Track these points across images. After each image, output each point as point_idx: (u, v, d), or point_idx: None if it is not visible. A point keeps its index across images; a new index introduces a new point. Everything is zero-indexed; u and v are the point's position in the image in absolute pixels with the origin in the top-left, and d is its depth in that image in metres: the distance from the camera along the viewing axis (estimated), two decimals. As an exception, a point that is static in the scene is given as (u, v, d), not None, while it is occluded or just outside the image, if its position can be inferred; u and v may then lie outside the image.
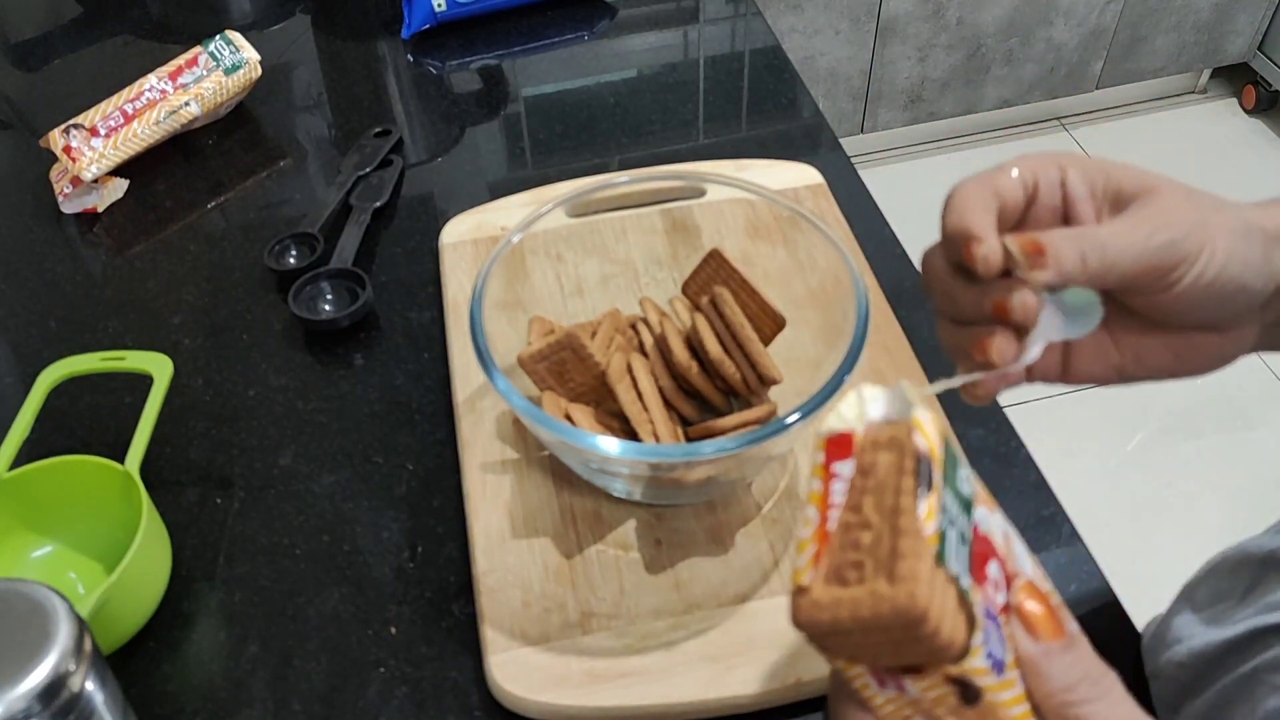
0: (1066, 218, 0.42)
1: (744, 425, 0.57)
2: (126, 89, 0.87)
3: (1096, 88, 2.26)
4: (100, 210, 0.86)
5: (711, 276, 0.63)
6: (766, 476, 0.62)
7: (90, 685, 0.44)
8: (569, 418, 0.58)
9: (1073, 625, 0.36)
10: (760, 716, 0.54)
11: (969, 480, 0.36)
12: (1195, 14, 2.18)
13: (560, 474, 0.63)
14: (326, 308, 0.76)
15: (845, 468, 0.35)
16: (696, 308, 0.63)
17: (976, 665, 0.33)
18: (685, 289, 0.65)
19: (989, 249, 0.39)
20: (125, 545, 0.54)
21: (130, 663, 0.57)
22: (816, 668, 0.54)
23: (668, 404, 0.60)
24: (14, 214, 0.87)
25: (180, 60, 0.89)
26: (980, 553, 0.35)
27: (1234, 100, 2.41)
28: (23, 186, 0.89)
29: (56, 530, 0.61)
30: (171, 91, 0.88)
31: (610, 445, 0.52)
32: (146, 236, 0.84)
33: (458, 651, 0.57)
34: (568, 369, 0.61)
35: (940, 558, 0.32)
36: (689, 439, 0.60)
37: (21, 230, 0.85)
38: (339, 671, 0.57)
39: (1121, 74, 2.25)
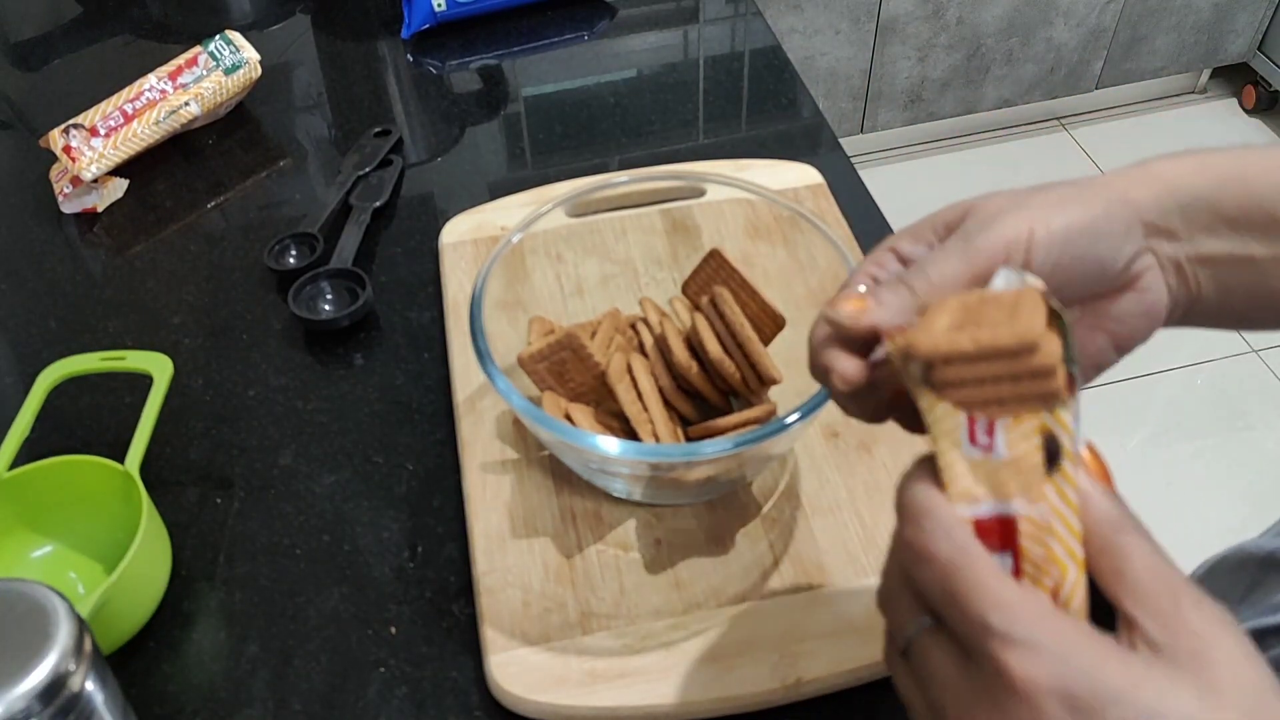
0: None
1: (744, 425, 0.57)
2: (126, 89, 0.87)
3: (1096, 88, 2.26)
4: (100, 210, 0.86)
5: (711, 276, 0.63)
6: (766, 476, 0.62)
7: (90, 685, 0.44)
8: (569, 418, 0.58)
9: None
10: (760, 716, 0.54)
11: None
12: (1195, 14, 2.18)
13: (560, 474, 0.63)
14: (326, 308, 0.76)
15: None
16: (696, 308, 0.63)
17: (1068, 420, 0.33)
18: (685, 289, 0.65)
19: (842, 370, 0.39)
20: (125, 545, 0.54)
21: (130, 663, 0.57)
22: (816, 667, 0.54)
23: (668, 404, 0.60)
24: (14, 214, 0.87)
25: (180, 60, 0.89)
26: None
27: (1234, 100, 2.41)
28: (23, 186, 0.89)
29: (56, 530, 0.61)
30: (171, 91, 0.88)
31: (610, 445, 0.52)
32: (146, 236, 0.84)
33: (458, 651, 0.57)
34: (568, 369, 0.61)
35: (1064, 323, 0.34)
36: (689, 439, 0.60)
37: (21, 230, 0.85)
38: (339, 671, 0.57)
39: (1121, 74, 2.25)
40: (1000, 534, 0.34)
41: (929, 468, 0.35)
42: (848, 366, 0.39)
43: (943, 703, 0.34)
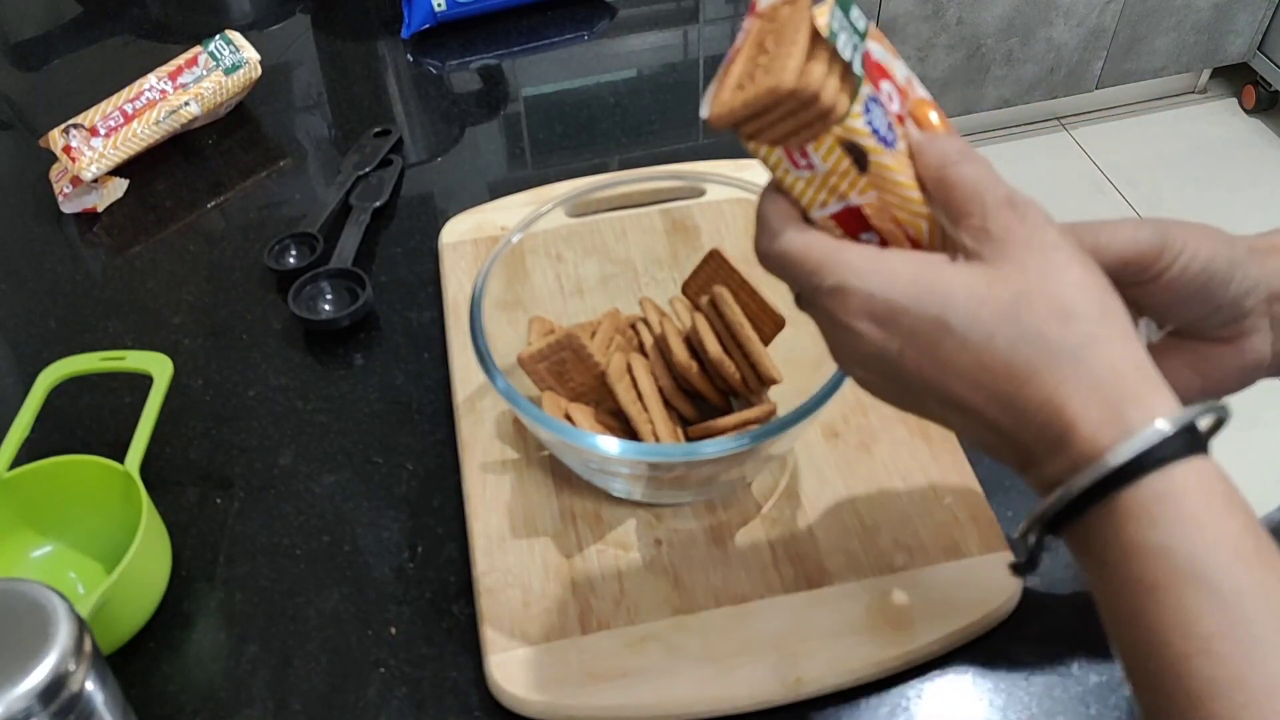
0: None
1: (744, 425, 0.57)
2: (126, 89, 0.87)
3: (1096, 88, 2.26)
4: (100, 210, 0.86)
5: (711, 277, 0.63)
6: (766, 476, 0.62)
7: (90, 685, 0.44)
8: (569, 418, 0.58)
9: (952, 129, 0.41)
10: (760, 716, 0.54)
11: (861, 19, 0.40)
12: (1195, 14, 2.18)
13: (560, 474, 0.63)
14: (326, 308, 0.76)
15: (751, 22, 0.41)
16: (696, 308, 0.63)
17: (858, 126, 0.38)
18: (685, 289, 0.65)
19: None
20: (125, 545, 0.54)
21: (130, 663, 0.57)
22: (816, 667, 0.54)
23: (667, 404, 0.60)
24: (14, 214, 0.87)
25: (180, 60, 0.89)
26: (873, 67, 0.40)
27: (1234, 100, 2.41)
28: (23, 186, 0.89)
29: (56, 530, 0.61)
30: (171, 91, 0.88)
31: (610, 445, 0.52)
32: (146, 236, 0.84)
33: (458, 651, 0.57)
34: (568, 369, 0.61)
35: (831, 39, 0.38)
36: (689, 439, 0.60)
37: (21, 230, 0.85)
38: (339, 671, 0.57)
39: (1121, 74, 2.25)
40: (856, 220, 0.41)
41: (774, 190, 0.42)
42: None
43: (827, 340, 0.42)
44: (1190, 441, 0.36)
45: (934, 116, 0.42)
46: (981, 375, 0.37)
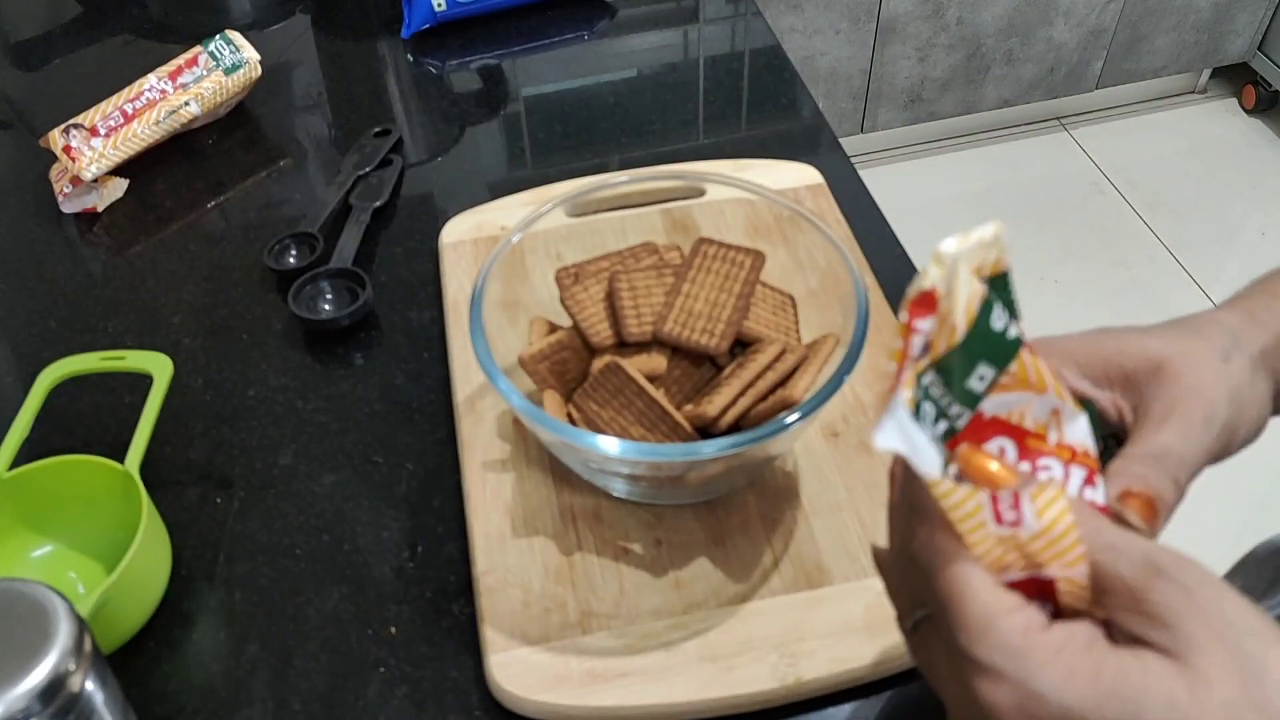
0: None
1: (756, 379, 0.57)
2: (126, 89, 0.87)
3: (1096, 88, 2.26)
4: (100, 210, 0.86)
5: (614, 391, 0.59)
6: (766, 476, 0.62)
7: (90, 685, 0.44)
8: (570, 418, 0.58)
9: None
10: (760, 716, 0.54)
11: (984, 377, 0.36)
12: (1195, 14, 2.18)
13: (560, 474, 0.63)
14: (326, 307, 0.76)
15: (926, 324, 0.35)
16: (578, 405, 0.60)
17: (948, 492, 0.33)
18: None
19: None
20: (125, 545, 0.54)
21: (130, 663, 0.57)
22: (816, 667, 0.54)
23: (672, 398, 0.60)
24: (14, 214, 0.87)
25: (180, 60, 0.89)
26: (979, 427, 0.37)
27: (1234, 100, 2.41)
28: (23, 186, 0.89)
29: (56, 530, 0.61)
30: (171, 91, 0.88)
31: (610, 445, 0.52)
32: (146, 236, 0.84)
33: (458, 651, 0.57)
34: (568, 369, 0.61)
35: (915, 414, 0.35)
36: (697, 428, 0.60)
37: (21, 230, 0.85)
38: (339, 671, 0.57)
39: (1121, 74, 2.25)
40: (1037, 589, 0.35)
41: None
42: None
43: (939, 686, 0.36)
44: None
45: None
46: None
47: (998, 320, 0.35)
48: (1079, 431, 0.38)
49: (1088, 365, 0.42)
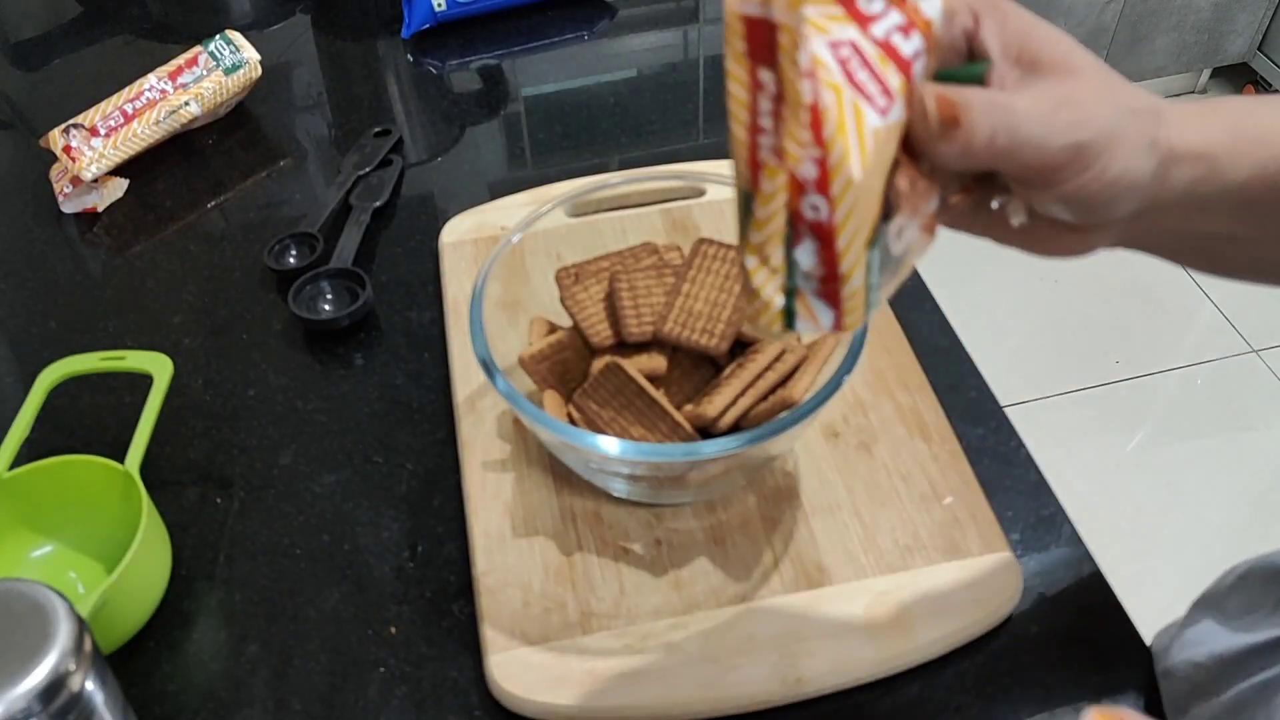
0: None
1: (756, 379, 0.57)
2: (126, 89, 0.87)
3: (1096, 88, 2.26)
4: (100, 210, 0.86)
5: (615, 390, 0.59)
6: (766, 476, 0.62)
7: (90, 685, 0.44)
8: (570, 418, 0.58)
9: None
10: (760, 716, 0.54)
11: None
12: (1195, 14, 2.18)
13: (560, 474, 0.63)
14: (326, 308, 0.76)
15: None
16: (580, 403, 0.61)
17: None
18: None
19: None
20: (125, 545, 0.54)
21: (130, 663, 0.57)
22: (816, 667, 0.54)
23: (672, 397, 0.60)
24: (14, 214, 0.87)
25: (180, 60, 0.89)
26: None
27: (1234, 100, 2.41)
28: (23, 186, 0.89)
29: (56, 530, 0.61)
30: (171, 91, 0.88)
31: (610, 445, 0.52)
32: (146, 236, 0.84)
33: (458, 651, 0.57)
34: (568, 369, 0.61)
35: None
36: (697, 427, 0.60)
37: (21, 230, 0.85)
38: (339, 671, 0.57)
39: (1122, 74, 2.24)
40: (766, 46, 0.34)
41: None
42: None
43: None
44: None
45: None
46: None
47: None
48: (929, 3, 0.36)
49: (1013, 32, 0.38)
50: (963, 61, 0.38)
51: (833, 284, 0.35)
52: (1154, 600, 0.63)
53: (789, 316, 0.36)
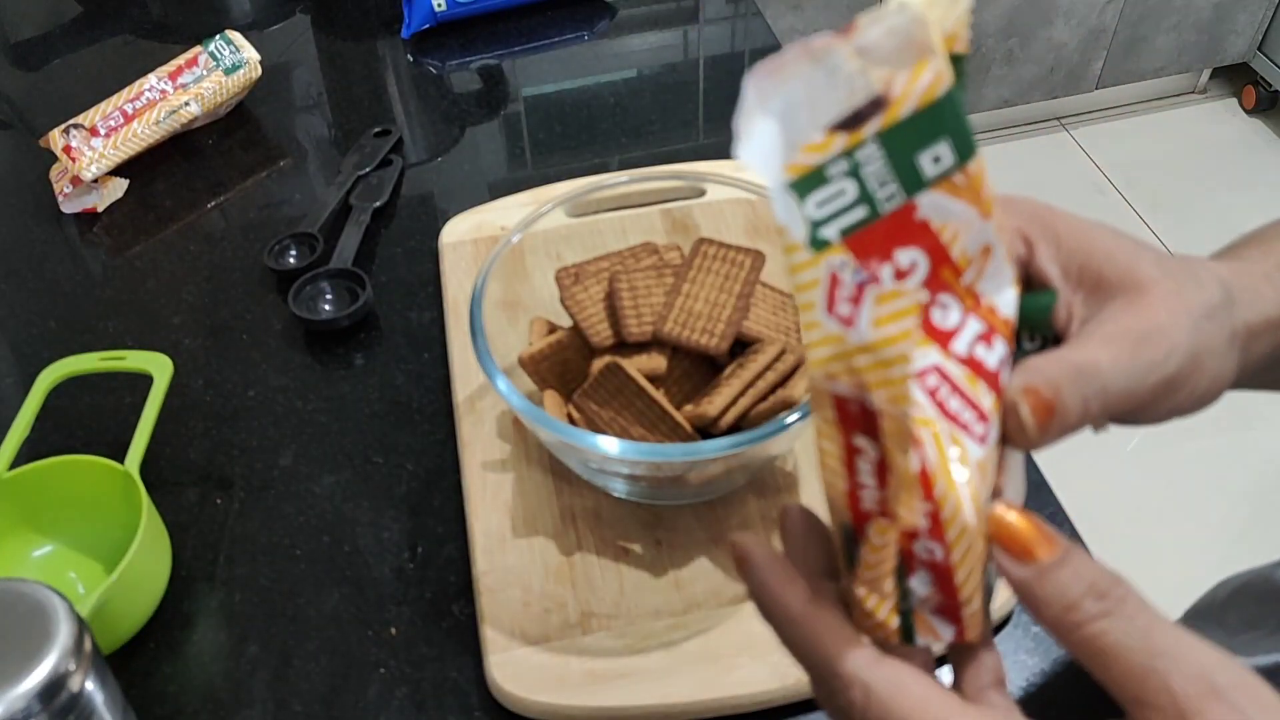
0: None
1: (756, 379, 0.57)
2: (126, 89, 0.87)
3: (1096, 88, 2.26)
4: (100, 210, 0.86)
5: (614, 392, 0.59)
6: (766, 476, 0.62)
7: (90, 685, 0.44)
8: (570, 418, 0.58)
9: (1063, 539, 0.32)
10: (760, 716, 0.54)
11: (940, 160, 0.29)
12: (1195, 14, 2.18)
13: (560, 474, 0.63)
14: (326, 308, 0.76)
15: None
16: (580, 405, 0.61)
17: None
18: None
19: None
20: (125, 545, 0.54)
21: (130, 663, 0.57)
22: (816, 668, 0.54)
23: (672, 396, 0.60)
24: (14, 214, 0.87)
25: (180, 60, 0.89)
26: (902, 224, 0.30)
27: (1234, 100, 2.41)
28: (23, 186, 0.89)
29: (56, 530, 0.61)
30: (171, 91, 0.88)
31: (610, 445, 0.52)
32: (146, 236, 0.84)
33: (458, 651, 0.57)
34: (568, 369, 0.61)
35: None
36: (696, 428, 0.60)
37: (21, 230, 0.85)
38: (339, 671, 0.57)
39: (1121, 74, 2.25)
40: (863, 423, 0.31)
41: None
42: None
43: None
44: None
45: (1014, 519, 0.32)
46: None
47: (963, 102, 0.29)
48: (1004, 299, 0.33)
49: (1069, 253, 0.36)
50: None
51: (953, 608, 0.33)
52: (1153, 600, 0.63)
53: (907, 633, 0.33)
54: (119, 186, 0.87)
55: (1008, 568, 0.31)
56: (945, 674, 0.34)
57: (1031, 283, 0.36)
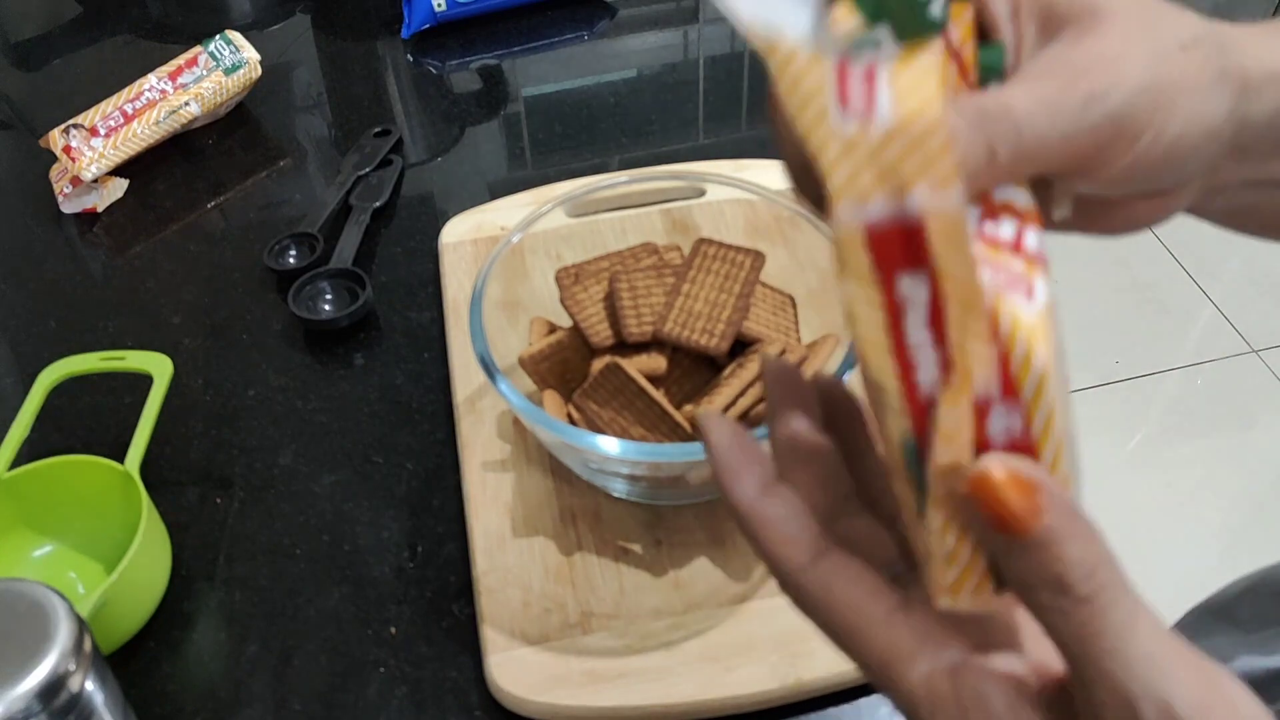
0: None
1: (756, 379, 0.57)
2: (126, 89, 0.87)
3: (1096, 88, 2.25)
4: (100, 210, 0.86)
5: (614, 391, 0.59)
6: (766, 476, 0.62)
7: (90, 685, 0.44)
8: (570, 418, 0.58)
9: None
10: (760, 716, 0.54)
11: None
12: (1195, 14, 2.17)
13: (560, 474, 0.63)
14: (326, 308, 0.76)
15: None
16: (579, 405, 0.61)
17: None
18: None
19: None
20: (125, 545, 0.54)
21: (130, 663, 0.57)
22: (816, 667, 0.54)
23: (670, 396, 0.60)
24: (14, 214, 0.87)
25: (180, 60, 0.89)
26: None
27: (1234, 100, 2.41)
28: (23, 186, 0.89)
29: (56, 530, 0.61)
30: (171, 91, 0.88)
31: (610, 445, 0.52)
32: (146, 236, 0.84)
33: (458, 651, 0.57)
34: (568, 369, 0.61)
35: None
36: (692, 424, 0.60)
37: (21, 230, 0.85)
38: (339, 671, 0.57)
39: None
40: (909, 256, 0.26)
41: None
42: None
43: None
44: None
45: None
46: None
47: None
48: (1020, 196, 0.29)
49: None
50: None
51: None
52: (1153, 600, 0.63)
53: (998, 576, 0.28)
54: (119, 186, 0.87)
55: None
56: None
57: (986, 31, 0.31)
